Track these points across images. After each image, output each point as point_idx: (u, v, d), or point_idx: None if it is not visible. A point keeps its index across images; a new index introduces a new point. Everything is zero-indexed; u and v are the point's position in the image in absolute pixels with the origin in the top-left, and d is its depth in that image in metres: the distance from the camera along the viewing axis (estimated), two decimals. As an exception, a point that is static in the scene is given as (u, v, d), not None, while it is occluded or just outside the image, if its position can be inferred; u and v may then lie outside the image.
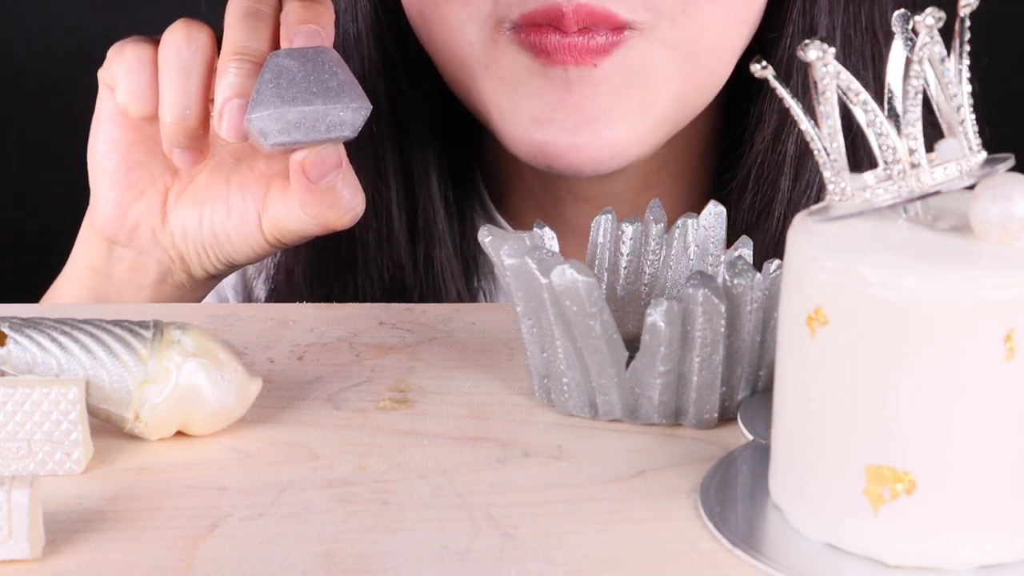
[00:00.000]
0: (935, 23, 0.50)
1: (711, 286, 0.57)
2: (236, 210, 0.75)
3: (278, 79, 0.69)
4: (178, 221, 0.76)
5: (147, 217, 0.77)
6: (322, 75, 0.69)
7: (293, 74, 0.69)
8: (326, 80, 0.69)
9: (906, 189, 0.50)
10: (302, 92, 0.69)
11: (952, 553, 0.49)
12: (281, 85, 0.69)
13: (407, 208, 0.85)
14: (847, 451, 0.49)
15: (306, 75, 0.69)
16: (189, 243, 0.77)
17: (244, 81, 0.70)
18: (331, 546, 0.51)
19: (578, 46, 0.74)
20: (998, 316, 0.47)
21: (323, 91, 0.69)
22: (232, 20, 0.72)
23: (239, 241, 0.76)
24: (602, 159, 0.76)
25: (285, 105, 0.68)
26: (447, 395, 0.62)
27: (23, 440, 0.55)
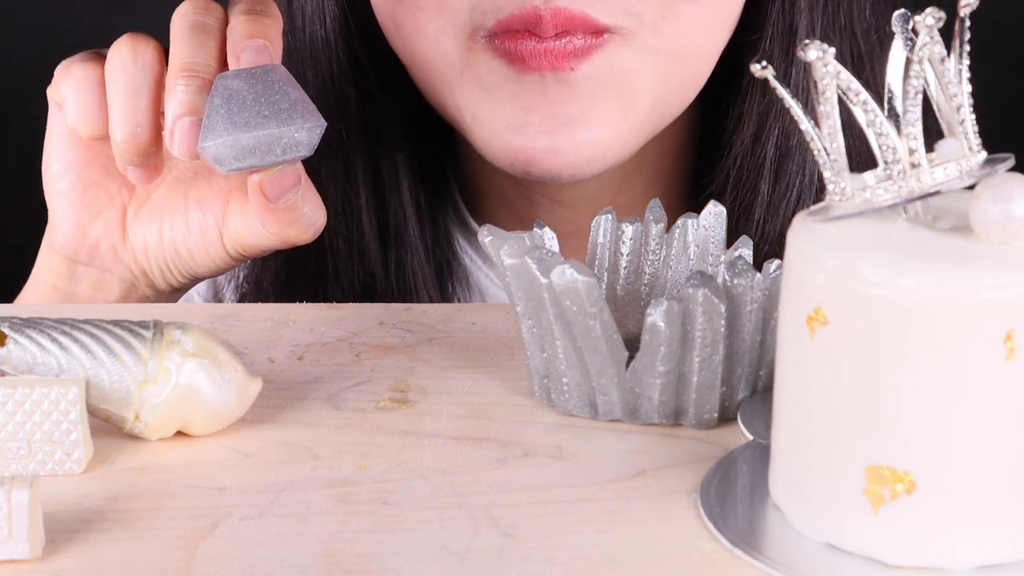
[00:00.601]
0: (935, 23, 0.50)
1: (711, 286, 0.57)
2: (196, 224, 0.75)
3: (228, 103, 0.67)
4: (138, 237, 0.76)
5: (107, 235, 0.76)
6: (273, 96, 0.68)
7: (243, 97, 0.68)
8: (277, 101, 0.68)
9: (906, 189, 0.50)
10: (254, 116, 0.67)
11: (952, 553, 0.49)
12: (232, 110, 0.67)
13: (378, 215, 0.85)
14: (847, 451, 0.49)
15: (256, 97, 0.68)
16: (151, 258, 0.76)
17: (194, 98, 0.68)
18: (331, 546, 0.51)
19: (555, 50, 0.74)
20: (998, 316, 0.47)
21: (275, 113, 0.67)
22: (178, 35, 0.70)
23: (201, 255, 0.75)
24: (580, 162, 0.76)
25: (238, 131, 0.67)
26: (447, 395, 0.62)
27: (23, 440, 0.55)
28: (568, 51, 0.74)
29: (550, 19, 0.73)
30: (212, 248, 0.74)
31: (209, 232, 0.74)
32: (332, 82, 0.83)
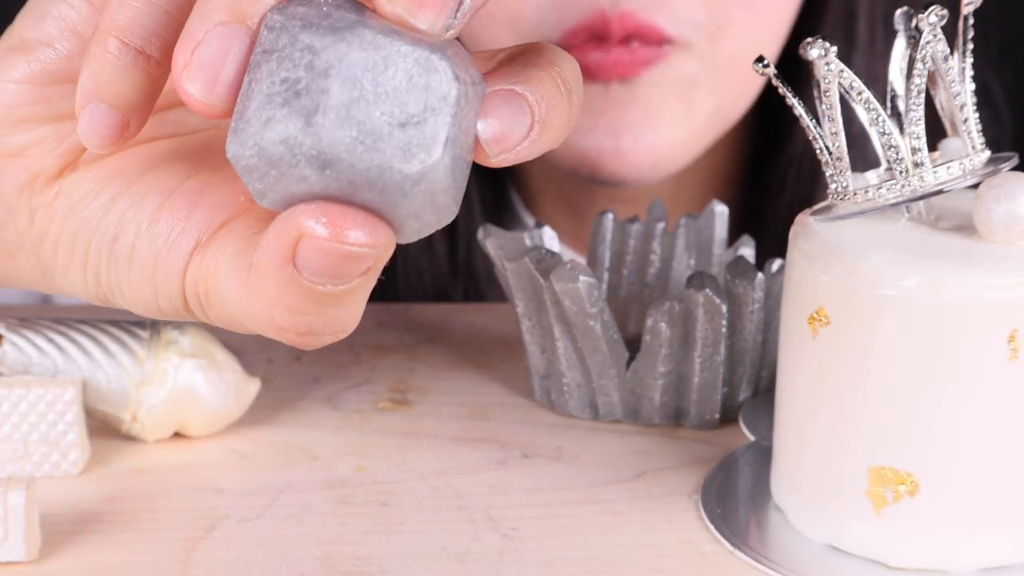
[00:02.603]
0: (938, 21, 0.49)
1: (712, 286, 0.56)
2: (164, 226, 0.45)
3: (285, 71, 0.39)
4: (75, 192, 0.46)
5: (38, 155, 0.47)
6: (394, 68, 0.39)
7: (355, 76, 0.38)
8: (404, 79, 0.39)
9: (909, 188, 0.50)
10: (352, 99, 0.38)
11: (955, 555, 0.49)
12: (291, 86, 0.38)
13: None
14: (849, 452, 0.49)
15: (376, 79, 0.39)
16: (68, 234, 0.47)
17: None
18: (330, 548, 0.51)
19: (621, 60, 0.74)
20: (1001, 316, 0.47)
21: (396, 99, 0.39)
22: None
23: (144, 272, 0.45)
24: (644, 166, 0.76)
25: (306, 125, 0.38)
26: (446, 396, 0.62)
27: (19, 441, 0.55)
28: (635, 60, 0.74)
29: (618, 23, 0.73)
30: (166, 274, 0.45)
31: (176, 248, 0.45)
32: None
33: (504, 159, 0.42)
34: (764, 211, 0.84)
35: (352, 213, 0.39)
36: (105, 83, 0.43)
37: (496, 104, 0.41)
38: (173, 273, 0.44)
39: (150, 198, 0.45)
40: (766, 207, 0.84)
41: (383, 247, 0.39)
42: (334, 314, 0.41)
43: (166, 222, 0.45)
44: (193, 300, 0.45)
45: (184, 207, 0.45)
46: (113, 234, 0.46)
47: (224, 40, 0.39)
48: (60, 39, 0.46)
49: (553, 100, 0.42)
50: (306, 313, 0.41)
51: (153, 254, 0.45)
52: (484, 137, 0.41)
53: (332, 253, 0.39)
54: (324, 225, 0.39)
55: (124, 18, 0.43)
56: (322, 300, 0.40)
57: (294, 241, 0.39)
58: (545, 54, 0.43)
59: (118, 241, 0.45)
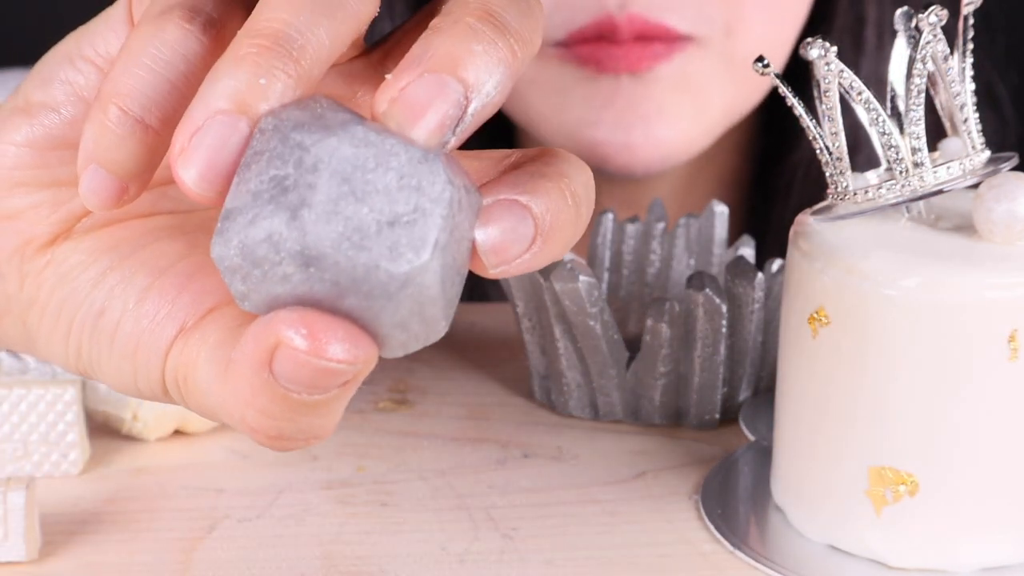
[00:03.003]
0: (938, 21, 0.49)
1: (712, 286, 0.56)
2: (150, 307, 0.44)
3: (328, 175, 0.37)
4: (66, 261, 0.45)
5: (33, 220, 0.46)
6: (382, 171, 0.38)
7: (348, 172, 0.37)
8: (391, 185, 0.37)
9: (909, 188, 0.50)
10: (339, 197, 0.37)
11: (955, 555, 0.49)
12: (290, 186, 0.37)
13: None
14: (849, 452, 0.49)
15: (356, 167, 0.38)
16: (56, 303, 0.45)
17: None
18: (330, 548, 0.51)
19: (634, 53, 0.73)
20: (1001, 316, 0.47)
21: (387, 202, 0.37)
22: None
23: (125, 351, 0.44)
24: (652, 160, 0.75)
25: (289, 221, 0.37)
26: (446, 396, 0.62)
27: (19, 441, 0.55)
28: (648, 54, 0.73)
29: (626, 26, 0.73)
30: (143, 361, 0.44)
31: (160, 333, 0.43)
32: None
33: (503, 271, 0.40)
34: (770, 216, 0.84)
35: (334, 325, 0.37)
36: (102, 149, 0.42)
37: (498, 213, 0.39)
38: (154, 356, 0.43)
39: (140, 276, 0.44)
40: (772, 212, 0.83)
41: (364, 363, 0.38)
42: (308, 422, 0.39)
43: (153, 302, 0.44)
44: (172, 385, 0.43)
45: (173, 289, 0.44)
46: (99, 308, 0.44)
47: (223, 129, 0.38)
48: (66, 104, 0.45)
49: (559, 213, 0.40)
50: (279, 418, 0.39)
51: (136, 334, 0.44)
52: (483, 247, 0.39)
53: (309, 366, 0.37)
54: (304, 337, 0.37)
55: (126, 85, 0.42)
56: (297, 408, 0.38)
57: (271, 348, 0.37)
58: (555, 163, 0.41)
59: (103, 316, 0.44)
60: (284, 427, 0.39)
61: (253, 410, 0.39)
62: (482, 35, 0.39)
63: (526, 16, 0.41)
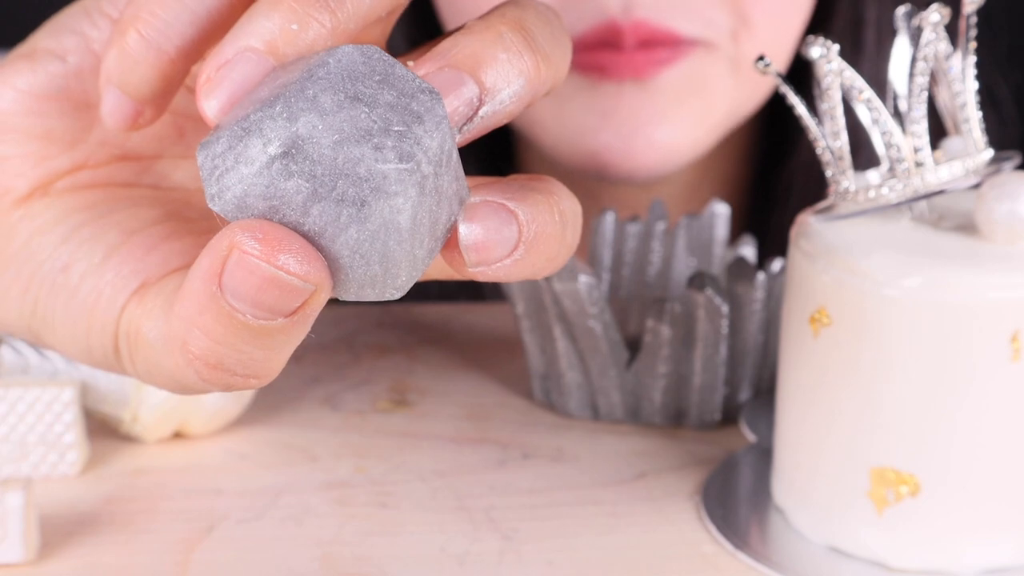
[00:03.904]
0: (940, 20, 0.49)
1: (713, 286, 0.56)
2: (116, 263, 0.43)
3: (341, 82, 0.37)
4: (39, 216, 0.45)
5: (16, 170, 0.45)
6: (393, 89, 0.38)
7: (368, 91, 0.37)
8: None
9: (911, 188, 0.49)
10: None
11: (957, 556, 0.49)
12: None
13: None
14: (850, 453, 0.49)
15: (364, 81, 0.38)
16: (22, 256, 0.45)
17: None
18: (329, 549, 0.51)
19: (637, 59, 0.72)
20: (1004, 316, 0.47)
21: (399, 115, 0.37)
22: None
23: (83, 307, 0.43)
24: (654, 164, 0.75)
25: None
26: (446, 396, 0.62)
27: (16, 442, 0.54)
28: (652, 60, 0.72)
29: (631, 31, 0.71)
30: (100, 317, 0.43)
31: (105, 303, 0.43)
32: None
33: (481, 272, 0.40)
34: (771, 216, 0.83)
35: (291, 237, 0.37)
36: (118, 71, 0.42)
37: (484, 212, 0.39)
38: (111, 310, 0.43)
39: (111, 235, 0.44)
40: (773, 212, 0.83)
41: (313, 283, 0.37)
42: (250, 353, 0.38)
43: (120, 259, 0.43)
44: (123, 341, 0.42)
45: (141, 249, 0.43)
46: (64, 264, 0.44)
47: (250, 66, 0.38)
48: (73, 52, 0.45)
49: (545, 226, 0.40)
50: (221, 343, 0.38)
51: (98, 289, 0.43)
52: (465, 242, 0.39)
53: (257, 273, 0.36)
54: (257, 240, 0.36)
55: (148, 11, 0.42)
56: (240, 332, 0.37)
57: (225, 256, 0.37)
58: (547, 183, 0.41)
59: (67, 271, 0.44)
60: (226, 355, 0.38)
61: (196, 331, 0.38)
62: (510, 44, 0.40)
63: (558, 41, 0.41)
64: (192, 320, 0.38)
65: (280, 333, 0.38)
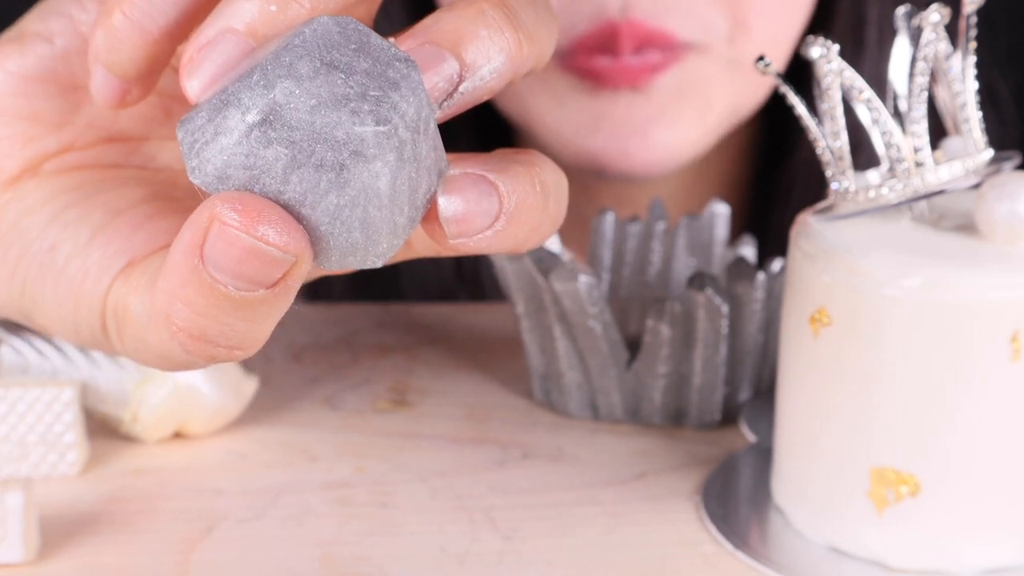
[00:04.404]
0: (940, 20, 0.49)
1: (713, 286, 0.56)
2: (102, 242, 0.44)
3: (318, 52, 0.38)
4: (28, 197, 0.46)
5: (5, 151, 0.46)
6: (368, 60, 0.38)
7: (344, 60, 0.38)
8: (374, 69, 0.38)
9: (911, 188, 0.49)
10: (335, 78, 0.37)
11: (957, 556, 0.49)
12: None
13: None
14: (850, 453, 0.49)
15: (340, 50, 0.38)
16: (10, 237, 0.45)
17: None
18: (329, 549, 0.51)
19: (632, 68, 0.72)
20: (1004, 316, 0.47)
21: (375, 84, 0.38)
22: None
23: (71, 285, 0.44)
24: (652, 163, 0.75)
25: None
26: (446, 396, 0.62)
27: (16, 442, 0.54)
28: (646, 66, 0.72)
29: (628, 33, 0.71)
30: (87, 295, 0.44)
31: (92, 282, 0.44)
32: None
33: (462, 244, 0.40)
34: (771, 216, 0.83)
35: (270, 208, 0.37)
36: (104, 50, 0.42)
37: (464, 185, 0.39)
38: (99, 288, 0.43)
39: (98, 215, 0.44)
40: (773, 212, 0.83)
41: (293, 253, 0.37)
42: (232, 325, 0.38)
43: (106, 238, 0.44)
44: (110, 318, 0.43)
45: (128, 227, 0.44)
46: (51, 244, 0.44)
47: (232, 47, 0.39)
48: (61, 35, 0.45)
49: (526, 197, 0.40)
50: (203, 315, 0.38)
51: (85, 268, 0.43)
52: (444, 214, 0.39)
53: (238, 244, 0.37)
54: (237, 212, 0.37)
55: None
56: (222, 303, 0.38)
57: (206, 228, 0.37)
58: (530, 155, 0.41)
59: (54, 251, 0.44)
60: (208, 327, 0.38)
61: (179, 303, 0.38)
62: (491, 22, 0.40)
63: (542, 21, 0.41)
64: (175, 293, 0.38)
65: (262, 304, 0.38)
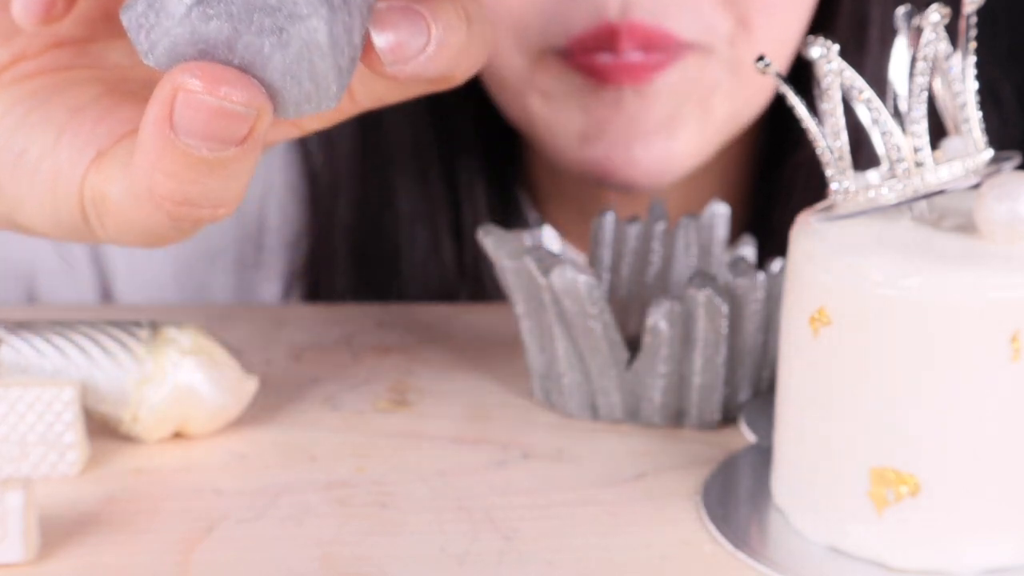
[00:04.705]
0: (940, 20, 0.49)
1: (713, 286, 0.56)
2: (68, 139, 0.47)
3: None
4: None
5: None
6: None
7: None
8: None
9: (911, 188, 0.49)
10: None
11: (957, 556, 0.49)
12: None
13: (453, 216, 0.83)
14: (850, 453, 0.49)
15: None
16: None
17: None
18: (329, 549, 0.51)
19: (634, 65, 0.72)
20: (1004, 316, 0.47)
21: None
22: None
23: (46, 185, 0.47)
24: (656, 172, 0.75)
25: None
26: (446, 396, 0.62)
27: (16, 442, 0.54)
28: (649, 64, 0.72)
29: (626, 34, 0.71)
30: (63, 189, 0.46)
31: (66, 176, 0.46)
32: None
33: (399, 70, 0.44)
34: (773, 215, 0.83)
35: (227, 71, 0.40)
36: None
37: (393, 17, 0.44)
38: (73, 182, 0.46)
39: (59, 114, 0.47)
40: (775, 211, 0.83)
41: (255, 107, 0.40)
42: (211, 185, 0.42)
43: (72, 135, 0.46)
44: (89, 206, 0.46)
45: (90, 121, 0.47)
46: (20, 148, 0.47)
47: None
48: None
49: (451, 23, 0.45)
50: (183, 180, 0.41)
51: (56, 166, 0.46)
52: (380, 46, 0.43)
53: (204, 108, 0.40)
54: (198, 78, 0.40)
55: None
56: (198, 167, 0.41)
57: (171, 99, 0.40)
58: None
59: (24, 154, 0.47)
60: (190, 190, 0.42)
61: (159, 174, 0.41)
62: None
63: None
64: (153, 166, 0.41)
65: (235, 161, 0.41)
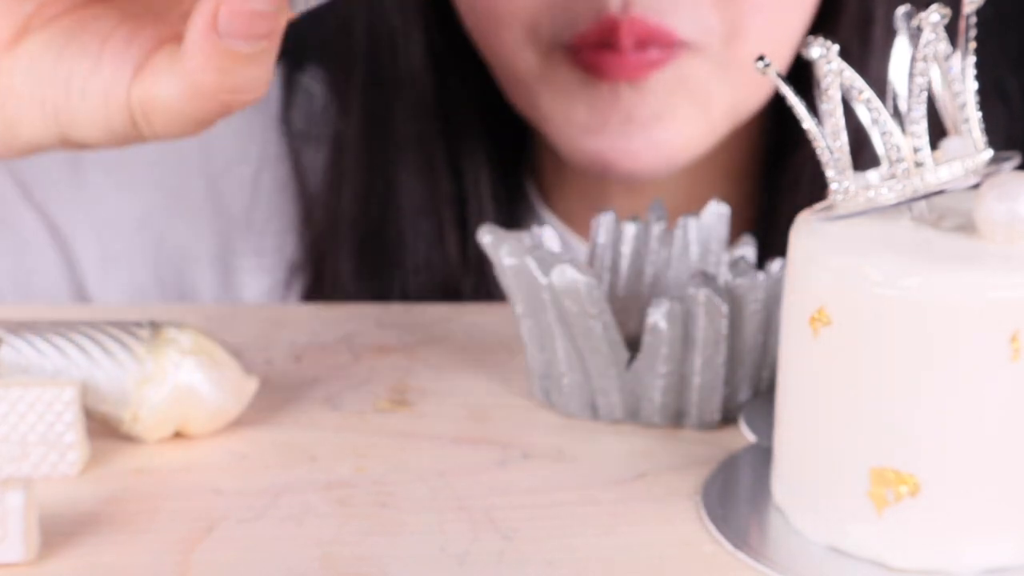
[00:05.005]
0: (940, 20, 0.49)
1: (713, 286, 0.56)
2: (107, 61, 0.55)
3: None
4: (31, 51, 0.56)
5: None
6: None
7: None
8: None
9: (910, 188, 0.49)
10: None
11: (957, 556, 0.49)
12: None
13: (458, 207, 0.84)
14: (850, 453, 0.49)
15: None
16: (29, 86, 0.56)
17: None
18: (329, 549, 0.51)
19: (632, 62, 0.74)
20: (1003, 316, 0.47)
21: None
22: None
23: (96, 103, 0.55)
24: (657, 163, 0.76)
25: None
26: (446, 396, 0.62)
27: (16, 442, 0.54)
28: (645, 62, 0.74)
29: (627, 27, 0.73)
30: (113, 105, 0.54)
31: (114, 91, 0.55)
32: (411, 72, 0.83)
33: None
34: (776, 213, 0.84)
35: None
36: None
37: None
38: (120, 97, 0.54)
39: (92, 43, 0.55)
40: (778, 209, 0.84)
41: (276, 6, 0.50)
42: (250, 73, 0.52)
43: (109, 57, 0.55)
44: (139, 114, 0.54)
45: (122, 44, 0.55)
46: (66, 75, 0.55)
47: None
48: None
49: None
50: (230, 72, 0.51)
51: (102, 84, 0.54)
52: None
53: (242, 13, 0.50)
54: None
55: None
56: (242, 61, 0.51)
57: (214, 11, 0.50)
58: None
59: (70, 80, 0.55)
60: (236, 80, 0.52)
61: (210, 72, 0.52)
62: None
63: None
64: (203, 66, 0.51)
65: (265, 53, 0.52)
